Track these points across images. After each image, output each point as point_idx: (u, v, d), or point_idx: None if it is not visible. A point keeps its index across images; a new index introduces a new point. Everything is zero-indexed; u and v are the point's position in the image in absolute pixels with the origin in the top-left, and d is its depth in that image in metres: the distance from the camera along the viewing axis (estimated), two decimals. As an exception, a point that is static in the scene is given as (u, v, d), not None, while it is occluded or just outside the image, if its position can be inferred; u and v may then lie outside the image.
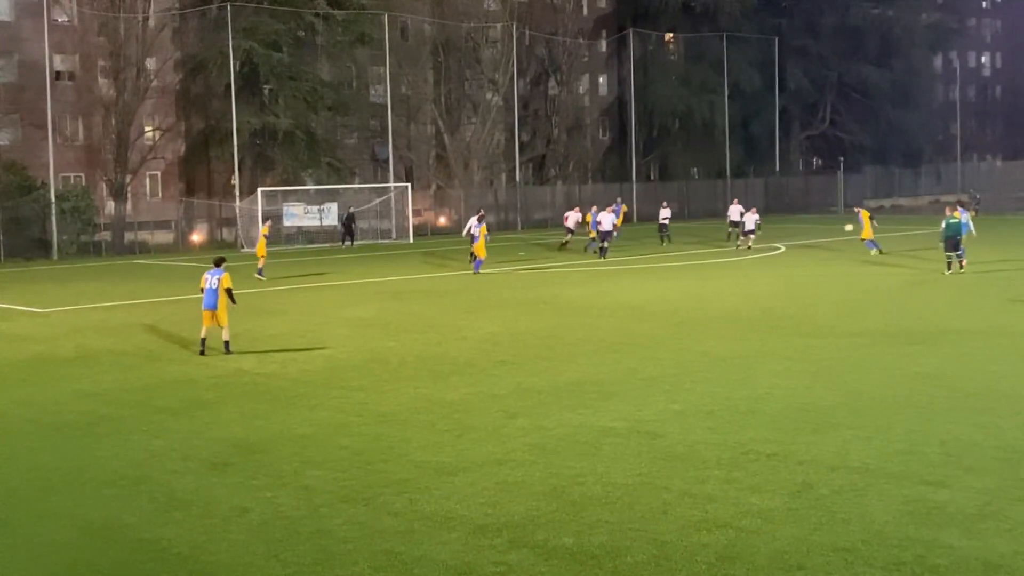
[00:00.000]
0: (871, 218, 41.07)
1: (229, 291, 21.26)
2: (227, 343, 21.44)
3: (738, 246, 46.29)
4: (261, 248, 38.49)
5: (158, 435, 14.64)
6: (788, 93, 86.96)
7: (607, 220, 43.93)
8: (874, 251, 39.91)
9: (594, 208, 49.07)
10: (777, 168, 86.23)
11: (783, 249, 45.35)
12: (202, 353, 21.25)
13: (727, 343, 21.16)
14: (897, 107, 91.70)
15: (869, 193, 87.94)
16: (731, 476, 11.88)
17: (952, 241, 32.59)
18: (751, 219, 46.38)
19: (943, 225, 32.95)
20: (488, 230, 46.97)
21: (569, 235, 49.69)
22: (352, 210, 59.95)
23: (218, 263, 21.71)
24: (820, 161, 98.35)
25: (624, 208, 52.48)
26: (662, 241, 50.45)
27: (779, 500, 10.99)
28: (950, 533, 9.92)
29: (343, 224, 59.28)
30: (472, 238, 38.44)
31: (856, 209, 43.78)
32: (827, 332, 22.23)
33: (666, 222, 51.21)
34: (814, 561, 9.33)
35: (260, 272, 37.87)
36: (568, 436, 13.90)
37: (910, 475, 11.77)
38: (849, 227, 43.11)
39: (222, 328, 21.38)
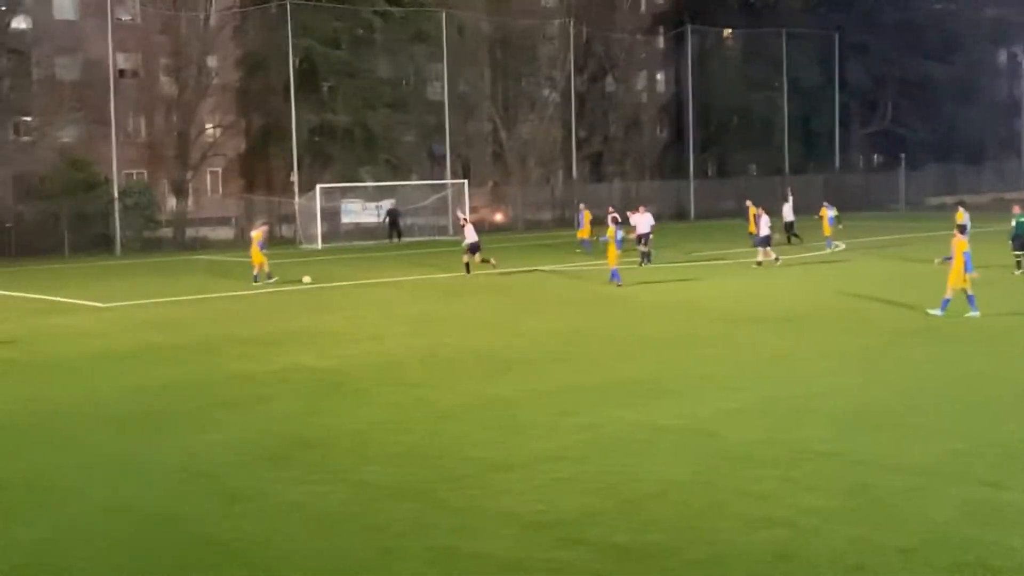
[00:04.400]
0: (757, 216, 38.56)
1: None
2: None
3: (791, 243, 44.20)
4: (257, 254, 35.53)
5: (216, 429, 14.80)
6: (848, 89, 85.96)
7: (643, 223, 39.60)
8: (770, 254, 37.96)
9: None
10: (837, 165, 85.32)
11: (842, 247, 44.86)
12: None
13: (783, 341, 20.98)
14: (959, 103, 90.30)
15: (931, 190, 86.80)
16: (788, 475, 11.78)
17: (1020, 240, 32.09)
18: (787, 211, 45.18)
19: (1012, 224, 32.51)
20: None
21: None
22: (396, 206, 60.13)
23: None
24: (880, 158, 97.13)
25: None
26: (790, 240, 45.55)
27: (836, 500, 10.88)
28: (1012, 535, 9.75)
29: (388, 220, 59.60)
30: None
31: (747, 203, 41.44)
32: (885, 330, 21.95)
33: (792, 220, 46.25)
34: (873, 561, 9.22)
35: (256, 277, 35.32)
36: (622, 433, 13.86)
37: (969, 475, 11.60)
38: (307, 278, 35.55)
39: None
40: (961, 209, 36.33)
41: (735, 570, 9.17)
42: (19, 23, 60.41)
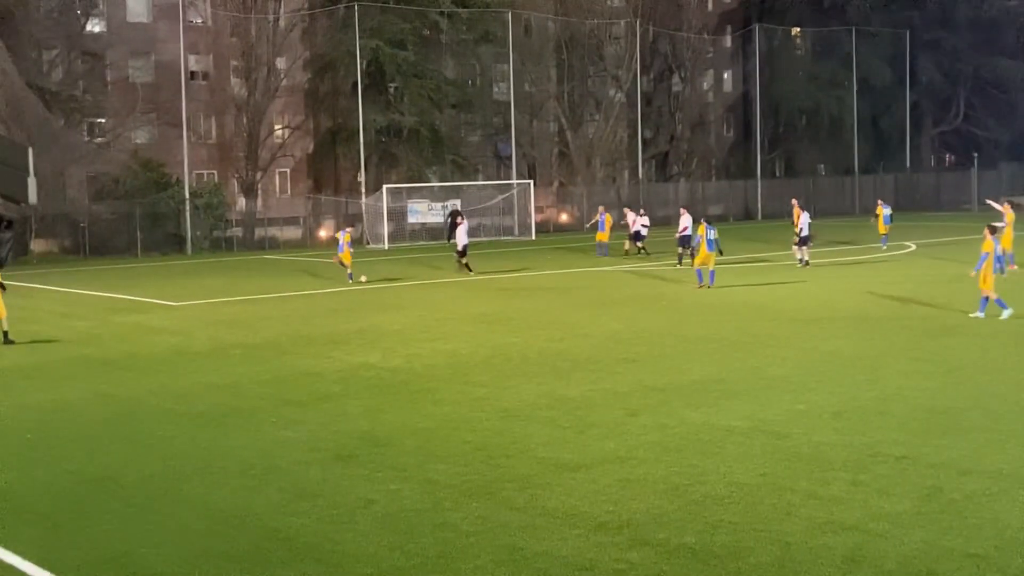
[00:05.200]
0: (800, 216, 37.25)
1: (2, 285, 23.12)
2: (6, 332, 23.28)
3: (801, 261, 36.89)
4: (346, 256, 35.61)
5: (286, 426, 14.99)
6: (920, 88, 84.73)
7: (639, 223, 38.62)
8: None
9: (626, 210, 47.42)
10: (908, 164, 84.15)
11: (913, 248, 44.27)
12: (8, 341, 23.06)
13: (854, 343, 20.75)
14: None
15: (1005, 190, 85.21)
16: (858, 478, 11.66)
17: None
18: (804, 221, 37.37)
19: None
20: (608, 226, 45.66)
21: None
22: (454, 207, 59.75)
23: None
24: (953, 157, 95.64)
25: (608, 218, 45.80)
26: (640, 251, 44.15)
27: (908, 504, 10.76)
28: (1089, 542, 9.58)
29: (449, 221, 59.20)
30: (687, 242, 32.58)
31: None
32: (959, 332, 21.63)
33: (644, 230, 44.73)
34: (944, 567, 9.11)
35: (351, 276, 35.47)
36: (690, 435, 13.81)
37: (1046, 481, 11.41)
38: (363, 277, 35.81)
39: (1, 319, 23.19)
40: (1007, 205, 35.94)
41: (803, 574, 9.10)
42: (93, 26, 61.59)
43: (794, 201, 41.11)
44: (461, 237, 37.90)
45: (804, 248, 36.61)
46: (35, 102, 53.86)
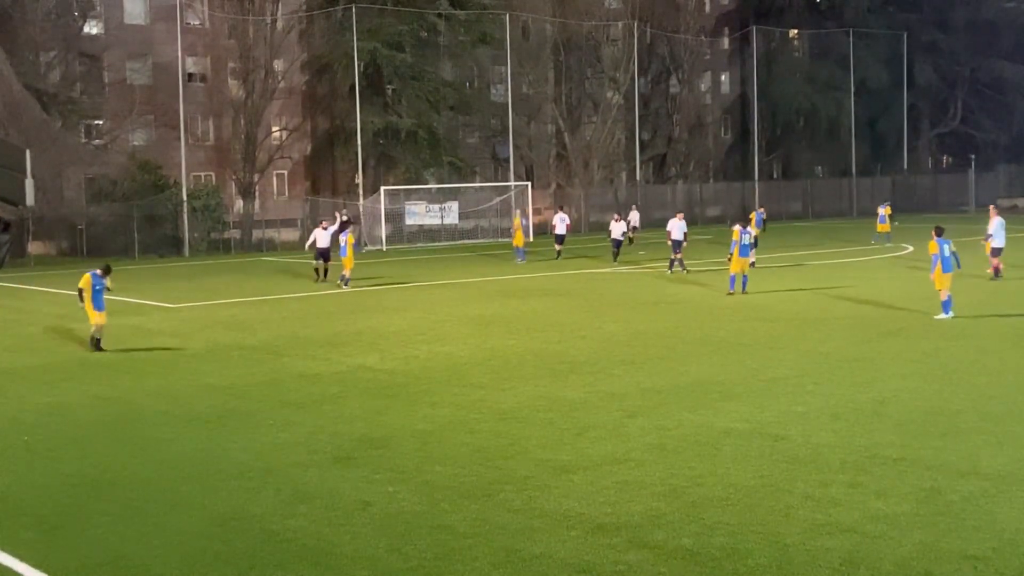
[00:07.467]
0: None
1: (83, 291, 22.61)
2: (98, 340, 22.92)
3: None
4: (349, 259, 34.56)
5: (284, 428, 14.97)
6: (917, 89, 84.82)
7: (677, 228, 36.80)
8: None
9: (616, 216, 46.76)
10: (905, 166, 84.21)
11: (911, 249, 44.30)
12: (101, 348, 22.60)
13: (852, 345, 20.76)
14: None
15: (1002, 192, 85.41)
16: (856, 480, 11.66)
17: None
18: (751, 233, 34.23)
19: None
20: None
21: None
22: (346, 216, 57.12)
23: (107, 271, 23.20)
24: (950, 159, 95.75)
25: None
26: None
27: (906, 505, 10.76)
28: (1086, 544, 9.58)
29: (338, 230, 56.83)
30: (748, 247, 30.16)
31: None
32: (956, 335, 21.64)
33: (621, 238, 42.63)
34: (942, 568, 9.11)
35: (346, 281, 34.46)
36: (688, 436, 13.81)
37: (1044, 483, 11.41)
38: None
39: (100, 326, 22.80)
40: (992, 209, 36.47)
41: None
42: (91, 28, 61.56)
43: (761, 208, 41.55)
44: (323, 240, 37.71)
45: (753, 249, 37.14)
46: (33, 104, 53.83)
